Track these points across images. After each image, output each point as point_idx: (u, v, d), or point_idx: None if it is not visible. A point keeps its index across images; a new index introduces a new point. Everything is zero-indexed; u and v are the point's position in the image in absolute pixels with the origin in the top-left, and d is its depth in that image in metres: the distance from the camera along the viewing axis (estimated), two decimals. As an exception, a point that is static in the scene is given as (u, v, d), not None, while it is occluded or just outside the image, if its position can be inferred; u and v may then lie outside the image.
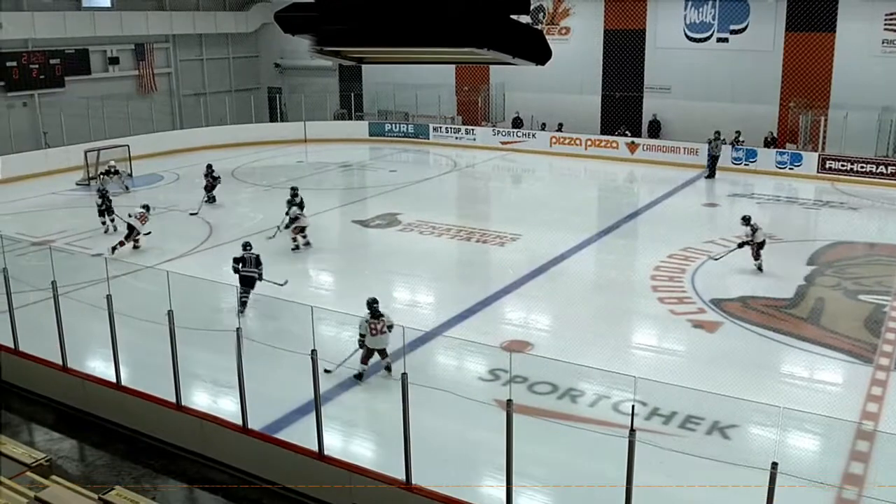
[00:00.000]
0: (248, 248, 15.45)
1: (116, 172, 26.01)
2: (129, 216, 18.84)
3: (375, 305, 12.08)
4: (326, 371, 11.26)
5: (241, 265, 14.98)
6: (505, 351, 12.75)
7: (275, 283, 15.15)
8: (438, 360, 13.20)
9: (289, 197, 19.92)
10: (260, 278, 15.08)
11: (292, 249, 18.73)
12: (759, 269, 17.15)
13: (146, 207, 19.14)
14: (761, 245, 17.19)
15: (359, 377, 11.98)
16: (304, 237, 19.03)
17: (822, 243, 19.69)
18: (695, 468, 9.24)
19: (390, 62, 4.88)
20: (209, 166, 24.08)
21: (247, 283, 14.84)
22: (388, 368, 12.11)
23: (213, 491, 9.37)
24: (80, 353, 11.84)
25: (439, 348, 13.31)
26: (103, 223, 20.60)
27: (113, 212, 20.61)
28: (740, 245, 17.34)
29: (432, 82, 34.67)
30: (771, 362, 13.09)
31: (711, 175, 27.34)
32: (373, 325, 11.88)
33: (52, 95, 32.11)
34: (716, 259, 17.70)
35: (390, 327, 11.99)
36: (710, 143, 27.19)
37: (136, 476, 9.65)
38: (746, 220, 17.38)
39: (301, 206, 19.40)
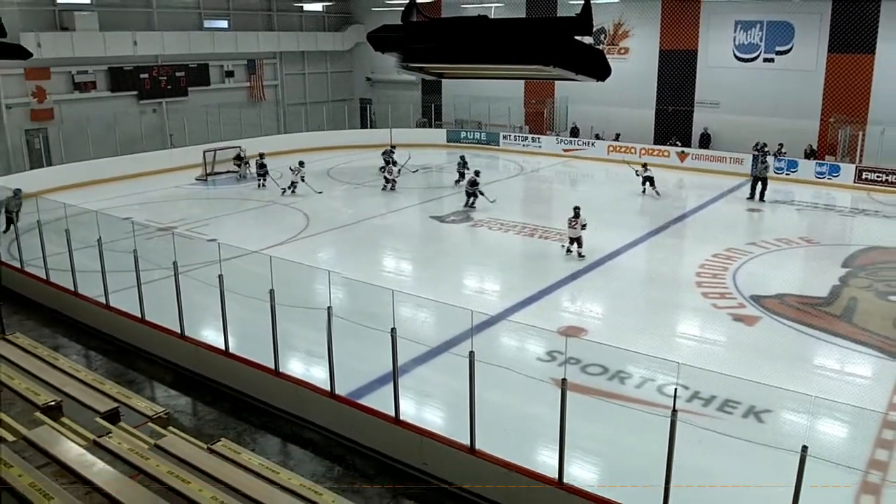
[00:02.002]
0: (477, 174, 23.11)
1: (241, 158, 27.58)
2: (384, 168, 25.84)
3: (577, 209, 17.70)
4: (563, 246, 17.99)
5: (459, 179, 24.57)
6: (561, 335, 12.68)
7: (489, 200, 22.32)
8: (502, 342, 13.18)
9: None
10: (479, 194, 22.17)
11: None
12: (644, 191, 23.92)
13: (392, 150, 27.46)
14: (649, 179, 24.12)
15: (568, 250, 17.81)
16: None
17: (857, 248, 18.95)
18: (730, 448, 9.04)
19: (467, 77, 4.88)
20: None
21: (467, 195, 22.57)
22: (581, 255, 17.48)
23: (304, 446, 9.56)
24: (195, 323, 12.15)
25: (503, 331, 13.29)
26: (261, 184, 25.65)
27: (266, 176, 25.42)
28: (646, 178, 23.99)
29: (503, 95, 34.57)
30: (805, 355, 12.70)
31: (753, 196, 24.36)
32: (571, 221, 17.67)
33: (176, 103, 33.10)
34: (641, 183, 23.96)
35: (584, 226, 17.55)
36: (755, 162, 24.70)
37: (240, 431, 9.89)
38: (644, 167, 24.17)
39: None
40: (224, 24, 35.38)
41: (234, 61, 35.78)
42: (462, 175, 25.99)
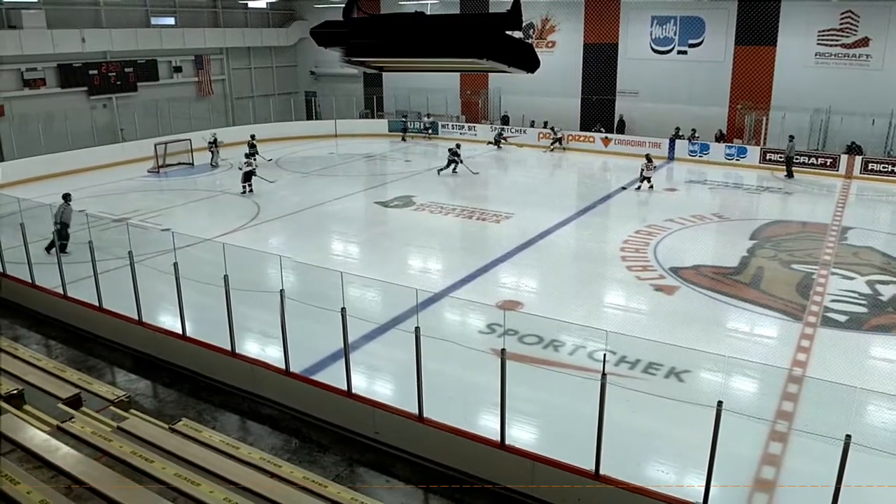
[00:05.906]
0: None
1: (215, 143, 27.56)
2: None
3: (648, 155, 23.44)
4: (623, 188, 22.98)
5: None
6: (500, 309, 12.80)
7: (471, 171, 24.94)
8: (445, 317, 13.24)
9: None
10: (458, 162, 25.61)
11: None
12: (638, 188, 23.23)
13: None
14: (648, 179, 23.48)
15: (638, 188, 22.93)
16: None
17: (763, 222, 19.61)
18: (655, 405, 9.29)
19: (406, 70, 4.85)
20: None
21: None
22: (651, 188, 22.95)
23: (262, 422, 9.46)
24: (153, 310, 11.88)
25: (446, 307, 13.34)
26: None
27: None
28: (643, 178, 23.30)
29: (441, 87, 34.60)
30: (718, 319, 13.11)
31: (790, 175, 25.40)
32: (648, 165, 22.65)
33: (126, 98, 32.03)
34: (624, 188, 23.47)
35: (655, 168, 22.94)
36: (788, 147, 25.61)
37: (200, 410, 9.72)
38: (648, 158, 23.78)
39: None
40: (171, 20, 34.27)
41: (182, 57, 34.72)
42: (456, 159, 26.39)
